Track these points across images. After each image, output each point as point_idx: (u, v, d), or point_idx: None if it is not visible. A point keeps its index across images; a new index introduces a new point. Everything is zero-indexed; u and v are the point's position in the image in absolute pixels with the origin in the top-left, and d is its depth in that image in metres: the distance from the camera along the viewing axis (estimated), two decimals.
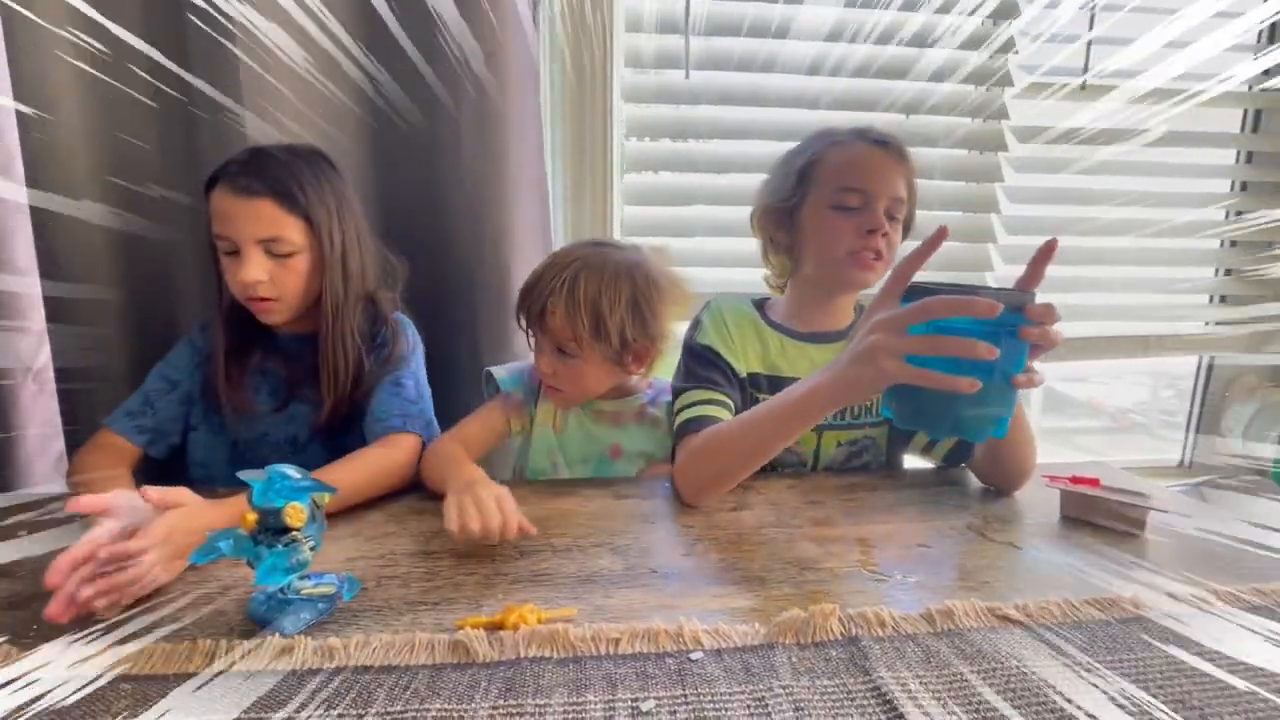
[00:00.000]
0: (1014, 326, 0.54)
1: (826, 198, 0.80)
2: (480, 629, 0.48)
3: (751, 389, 0.85)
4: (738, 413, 0.80)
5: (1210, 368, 1.49)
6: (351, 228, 0.81)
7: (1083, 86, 1.24)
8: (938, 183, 1.26)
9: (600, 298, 0.77)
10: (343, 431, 0.84)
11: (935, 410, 0.56)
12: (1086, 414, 3.46)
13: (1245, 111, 1.41)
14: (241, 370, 0.81)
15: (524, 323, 0.82)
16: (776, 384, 0.84)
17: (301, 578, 0.49)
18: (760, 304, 0.90)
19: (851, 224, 0.79)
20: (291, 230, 0.76)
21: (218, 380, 0.80)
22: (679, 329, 0.87)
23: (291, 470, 0.50)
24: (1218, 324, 1.42)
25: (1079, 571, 0.60)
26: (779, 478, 0.82)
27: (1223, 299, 1.45)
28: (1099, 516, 0.69)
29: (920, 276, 0.60)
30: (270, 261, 0.75)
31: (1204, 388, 1.50)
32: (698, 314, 0.89)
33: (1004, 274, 1.30)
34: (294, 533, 0.48)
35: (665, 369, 0.89)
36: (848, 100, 1.21)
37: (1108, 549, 0.64)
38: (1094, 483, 0.71)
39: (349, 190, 0.82)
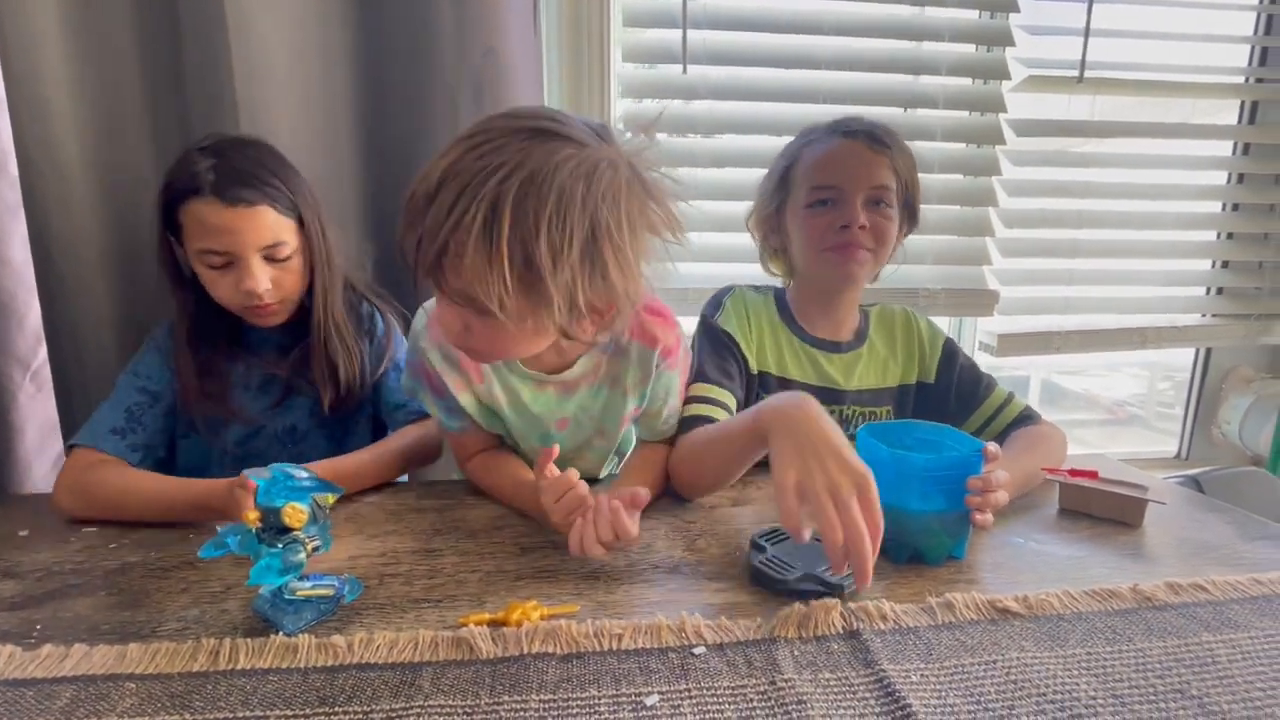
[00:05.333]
0: (967, 461, 0.60)
1: (802, 198, 0.82)
2: (483, 625, 0.49)
3: (760, 389, 0.85)
4: (738, 410, 0.80)
5: (1207, 360, 1.50)
6: (322, 216, 0.80)
7: (1080, 79, 1.24)
8: (936, 176, 1.25)
9: (537, 243, 0.48)
10: (343, 415, 0.84)
11: (893, 537, 0.59)
12: (1084, 406, 3.47)
13: (1242, 104, 1.41)
14: (222, 382, 0.79)
15: (411, 263, 0.53)
16: (786, 385, 0.85)
17: (300, 578, 0.49)
18: (780, 296, 0.91)
19: (825, 220, 0.80)
20: (288, 233, 0.75)
21: (195, 402, 0.77)
22: (662, 266, 0.61)
23: (296, 470, 0.50)
24: (1214, 316, 1.43)
25: (1078, 563, 0.61)
26: None
27: (1219, 291, 1.45)
28: (1096, 509, 0.69)
29: (917, 273, 0.61)
30: (270, 267, 0.75)
31: (1201, 380, 1.51)
32: (719, 295, 0.89)
33: (1001, 267, 1.30)
34: (295, 533, 0.48)
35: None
36: (845, 94, 1.20)
37: (1106, 541, 0.65)
38: (1092, 475, 0.72)
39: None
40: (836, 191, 0.79)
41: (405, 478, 0.84)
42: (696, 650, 0.46)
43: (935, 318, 1.27)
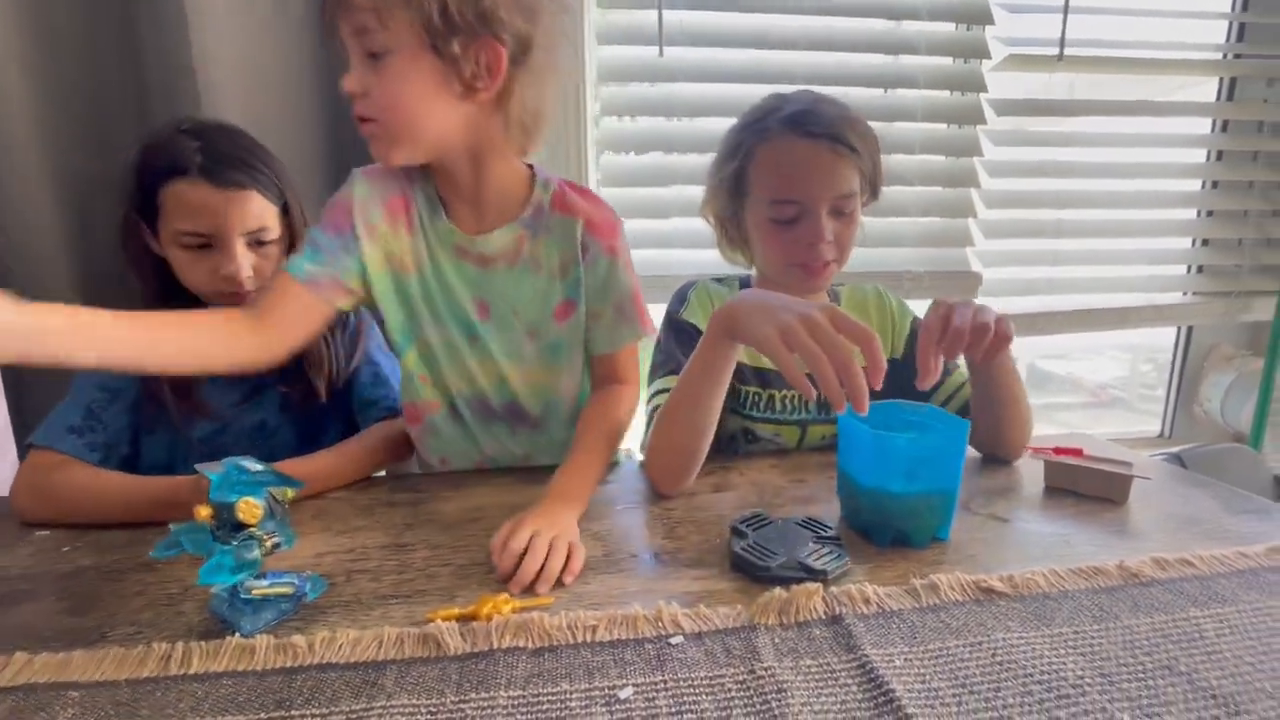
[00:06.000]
0: (950, 442, 0.58)
1: (762, 208, 0.76)
2: (452, 621, 0.47)
3: (736, 381, 0.83)
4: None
5: (1189, 339, 1.50)
6: (302, 204, 0.79)
7: (1060, 57, 1.23)
8: (917, 157, 1.24)
9: None
10: (314, 411, 0.82)
11: (876, 519, 0.59)
12: (1068, 390, 3.51)
13: (1220, 80, 1.41)
14: (186, 376, 0.76)
15: (325, 18, 0.61)
16: (762, 377, 0.83)
17: (258, 577, 0.47)
18: (745, 285, 0.88)
19: (790, 236, 0.75)
20: (272, 219, 0.74)
21: (159, 396, 0.75)
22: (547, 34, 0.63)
23: (250, 463, 0.48)
24: (1195, 294, 1.43)
25: (1063, 541, 0.59)
26: (761, 458, 0.81)
27: (1200, 269, 1.45)
28: (1082, 486, 0.68)
29: (899, 256, 0.59)
30: (251, 253, 0.73)
31: (1182, 358, 1.51)
32: (683, 289, 0.86)
33: (984, 249, 1.30)
34: (250, 529, 0.46)
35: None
36: (825, 75, 1.19)
37: (1092, 518, 0.64)
38: (1077, 452, 0.71)
39: None
40: (799, 207, 0.74)
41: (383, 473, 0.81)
42: (674, 640, 0.45)
43: (919, 301, 1.27)
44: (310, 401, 0.79)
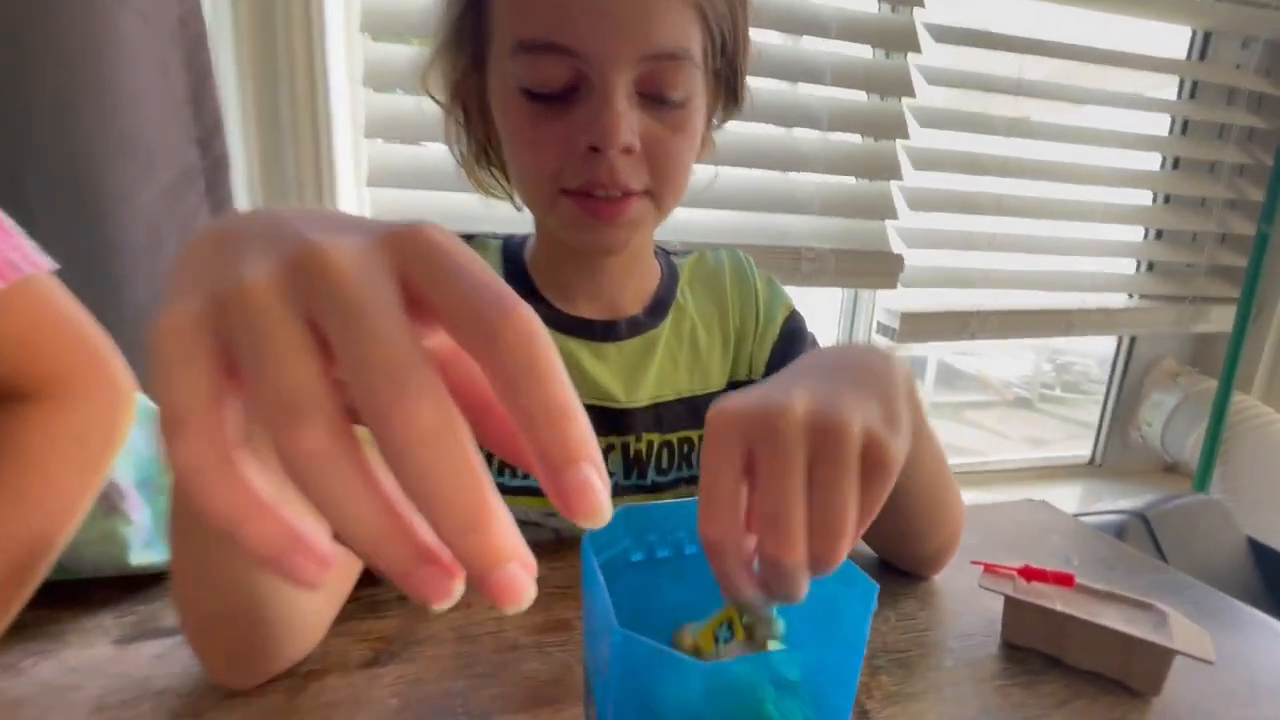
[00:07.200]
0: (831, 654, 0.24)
1: (508, 70, 0.38)
2: None
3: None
4: None
5: (1130, 349, 1.27)
6: None
7: None
8: (830, 92, 0.90)
9: None
10: None
11: None
12: (976, 388, 3.42)
13: (1181, 81, 1.16)
14: None
15: None
16: None
17: None
18: (513, 249, 0.50)
19: (556, 132, 0.38)
20: None
21: None
22: None
23: None
24: (1142, 297, 1.19)
25: None
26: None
27: (1150, 267, 1.22)
28: (1075, 654, 0.36)
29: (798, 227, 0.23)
30: None
31: (1123, 371, 1.28)
32: None
33: (908, 225, 0.98)
34: None
35: None
36: None
37: None
38: (1067, 580, 0.38)
39: None
40: (572, 63, 0.36)
41: None
42: None
43: (818, 290, 0.94)
44: None
